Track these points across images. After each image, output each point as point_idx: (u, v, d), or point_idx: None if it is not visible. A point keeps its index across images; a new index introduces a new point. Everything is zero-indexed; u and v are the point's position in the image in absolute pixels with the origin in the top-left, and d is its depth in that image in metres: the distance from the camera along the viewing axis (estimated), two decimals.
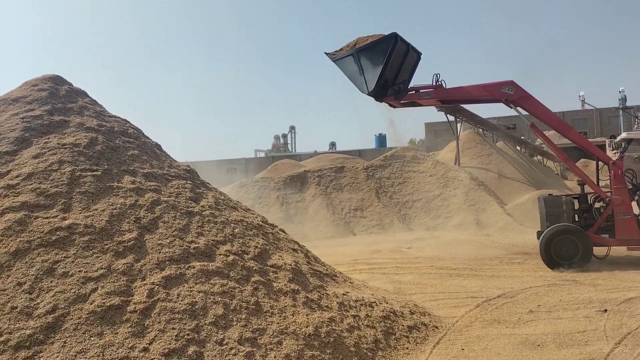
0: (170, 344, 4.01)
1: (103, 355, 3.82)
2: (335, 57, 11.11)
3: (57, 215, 5.08)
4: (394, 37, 10.51)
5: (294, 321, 4.69)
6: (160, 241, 5.19)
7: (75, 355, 3.78)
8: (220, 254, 5.30)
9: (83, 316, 4.10)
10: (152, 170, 6.49)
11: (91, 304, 4.22)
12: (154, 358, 3.88)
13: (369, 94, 10.94)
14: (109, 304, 4.25)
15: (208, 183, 7.47)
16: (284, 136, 65.69)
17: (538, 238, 10.91)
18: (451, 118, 26.63)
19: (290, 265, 5.67)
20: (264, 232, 6.35)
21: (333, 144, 56.90)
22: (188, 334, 4.14)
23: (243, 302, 4.70)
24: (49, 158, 5.78)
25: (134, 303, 4.33)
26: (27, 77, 7.52)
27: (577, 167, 11.40)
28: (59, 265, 4.54)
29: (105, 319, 4.13)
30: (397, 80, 11.08)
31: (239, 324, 4.41)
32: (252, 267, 5.29)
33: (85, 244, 4.84)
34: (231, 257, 5.28)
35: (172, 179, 6.55)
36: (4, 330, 3.92)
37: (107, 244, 4.92)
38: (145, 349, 3.95)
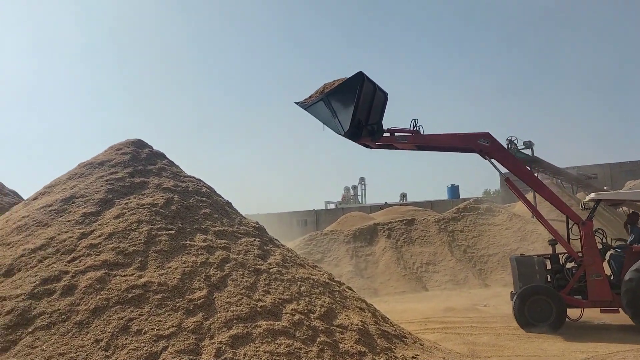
0: None
1: None
2: (306, 105, 11.14)
3: (134, 274, 5.34)
4: (360, 75, 10.58)
5: None
6: (228, 299, 5.29)
7: None
8: (286, 313, 5.31)
9: None
10: (223, 228, 6.71)
11: None
12: None
13: (344, 135, 10.86)
14: None
15: (276, 239, 7.59)
16: (354, 187, 65.99)
17: (511, 299, 10.63)
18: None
19: (357, 325, 5.56)
20: (330, 290, 6.31)
21: (404, 195, 56.36)
22: None
23: None
24: (129, 218, 6.14)
25: None
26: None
27: (550, 226, 11.11)
28: (133, 323, 4.73)
29: None
30: (369, 121, 11.06)
31: None
32: (318, 326, 5.25)
33: (158, 302, 5.02)
34: (297, 317, 5.27)
35: (241, 237, 6.73)
36: None
37: (178, 302, 5.08)
38: None
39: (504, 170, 11.34)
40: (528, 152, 26.53)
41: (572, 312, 10.43)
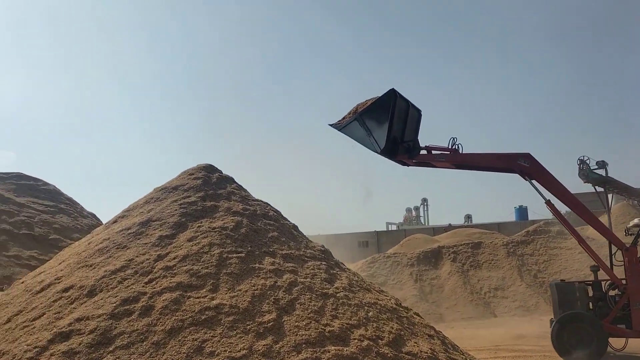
0: None
1: None
2: (340, 126, 11.09)
3: (207, 295, 5.51)
4: (393, 92, 10.50)
5: None
6: (297, 323, 5.34)
7: None
8: (354, 339, 5.29)
9: None
10: (290, 251, 6.81)
11: None
12: None
13: (381, 153, 10.74)
14: None
15: (342, 263, 7.61)
16: (416, 208, 64.99)
17: (550, 326, 10.34)
18: (600, 189, 24.43)
19: (427, 353, 5.45)
20: (398, 316, 6.24)
21: (469, 217, 54.90)
22: None
23: None
24: (201, 241, 6.37)
25: None
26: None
27: (593, 251, 10.72)
28: (207, 344, 4.87)
29: None
30: (404, 138, 10.92)
31: None
32: (387, 353, 5.19)
33: (230, 324, 5.15)
34: (365, 342, 5.24)
35: (308, 260, 6.80)
36: None
37: (249, 325, 5.19)
38: None
39: (546, 193, 10.88)
40: (601, 172, 25.29)
41: (616, 342, 10.10)
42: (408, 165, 11.62)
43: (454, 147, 10.98)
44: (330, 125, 11.38)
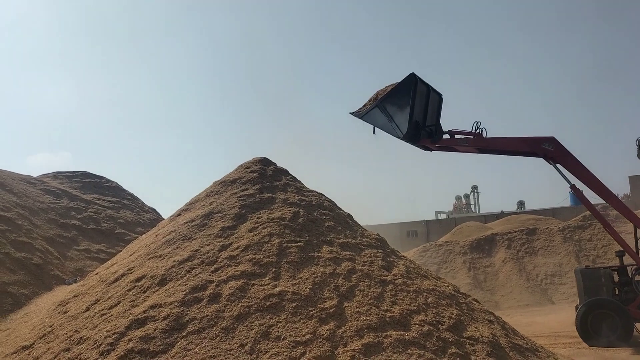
0: None
1: None
2: (362, 114, 11.03)
3: (270, 283, 5.75)
4: (413, 77, 10.47)
5: None
6: (357, 309, 5.50)
7: None
8: (415, 324, 5.40)
9: None
10: (347, 240, 6.96)
11: None
12: None
13: (403, 139, 10.70)
14: None
15: (397, 251, 7.70)
16: (466, 197, 63.80)
17: (575, 312, 10.25)
18: None
19: (488, 337, 5.50)
20: (457, 302, 6.29)
21: (521, 203, 53.43)
22: None
23: None
24: (261, 231, 6.62)
25: None
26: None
27: (619, 237, 10.43)
28: (273, 329, 5.10)
29: None
30: (426, 122, 10.88)
31: None
32: (448, 338, 5.27)
33: (293, 310, 5.36)
34: (426, 327, 5.34)
35: (364, 248, 6.93)
36: None
37: (311, 311, 5.38)
38: None
39: (572, 177, 10.74)
40: None
41: None
42: (431, 150, 11.63)
43: (477, 131, 10.92)
44: (351, 113, 11.44)
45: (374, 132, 10.99)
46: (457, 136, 11.17)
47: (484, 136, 10.85)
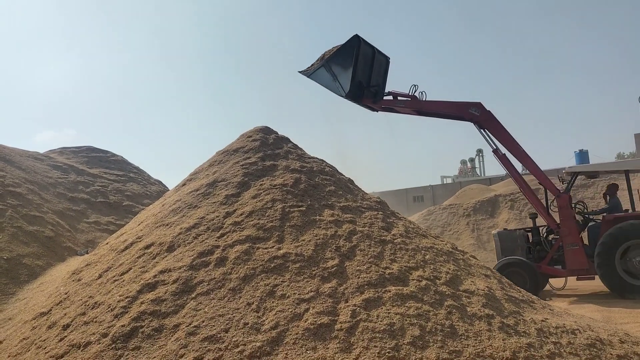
0: (373, 359, 4.43)
1: None
2: (309, 73, 11.55)
3: (274, 246, 5.98)
4: (356, 38, 10.94)
5: (490, 345, 4.76)
6: (358, 267, 5.73)
7: None
8: (413, 279, 5.64)
9: (300, 332, 4.77)
10: (348, 203, 7.16)
11: (305, 321, 4.89)
12: None
13: (346, 97, 11.22)
14: (319, 322, 4.86)
15: (397, 213, 7.91)
16: (471, 160, 63.82)
17: None
18: None
19: (484, 290, 5.73)
20: (454, 259, 6.51)
21: None
22: (389, 352, 4.52)
23: (438, 324, 4.94)
24: (264, 198, 6.82)
25: (340, 322, 4.88)
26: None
27: (534, 199, 11.47)
28: (277, 288, 5.35)
29: (317, 335, 4.74)
30: (371, 83, 11.45)
31: (435, 345, 4.66)
32: (445, 291, 5.51)
33: (297, 270, 5.61)
34: (424, 282, 5.57)
35: (365, 211, 7.14)
36: (240, 342, 4.76)
37: (314, 270, 5.63)
38: None
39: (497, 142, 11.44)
40: None
41: (557, 282, 11.26)
42: (376, 111, 12.21)
43: (414, 93, 11.60)
44: (300, 72, 11.92)
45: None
46: (399, 98, 11.86)
47: (424, 99, 11.62)
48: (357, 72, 11.10)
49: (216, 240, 6.15)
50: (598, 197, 21.76)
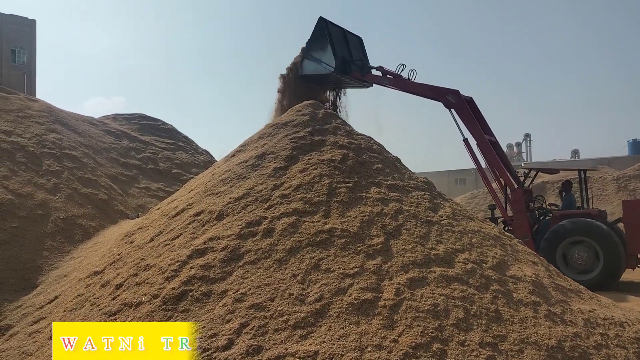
0: (416, 338, 4.47)
1: (360, 341, 4.48)
2: (300, 72, 12.16)
3: (320, 220, 6.05)
4: (322, 20, 11.76)
5: (535, 332, 4.72)
6: (403, 246, 5.74)
7: (339, 338, 4.51)
8: (459, 262, 5.61)
9: (343, 306, 4.85)
10: (395, 182, 7.13)
11: (349, 296, 4.96)
12: (403, 349, 4.38)
13: (335, 73, 11.76)
14: (363, 298, 4.93)
15: (444, 194, 7.83)
16: (518, 144, 62.10)
17: None
18: None
19: (531, 277, 5.65)
20: (501, 243, 6.43)
21: (575, 152, 51.71)
22: (432, 332, 4.55)
23: (483, 308, 4.92)
24: (312, 172, 6.87)
25: (383, 299, 4.93)
26: None
27: (494, 192, 12.08)
28: (323, 262, 5.43)
29: (361, 310, 4.81)
30: (353, 58, 12.15)
31: (479, 328, 4.66)
32: (491, 276, 5.46)
33: (342, 245, 5.66)
34: (470, 265, 5.54)
35: (412, 190, 7.10)
36: (285, 311, 4.88)
37: (359, 246, 5.67)
38: (395, 341, 4.48)
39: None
40: None
41: None
42: (367, 86, 12.87)
43: (399, 72, 12.29)
44: (300, 76, 12.48)
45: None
46: (388, 75, 12.51)
47: (412, 79, 12.24)
48: (335, 47, 11.72)
49: (264, 212, 6.26)
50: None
